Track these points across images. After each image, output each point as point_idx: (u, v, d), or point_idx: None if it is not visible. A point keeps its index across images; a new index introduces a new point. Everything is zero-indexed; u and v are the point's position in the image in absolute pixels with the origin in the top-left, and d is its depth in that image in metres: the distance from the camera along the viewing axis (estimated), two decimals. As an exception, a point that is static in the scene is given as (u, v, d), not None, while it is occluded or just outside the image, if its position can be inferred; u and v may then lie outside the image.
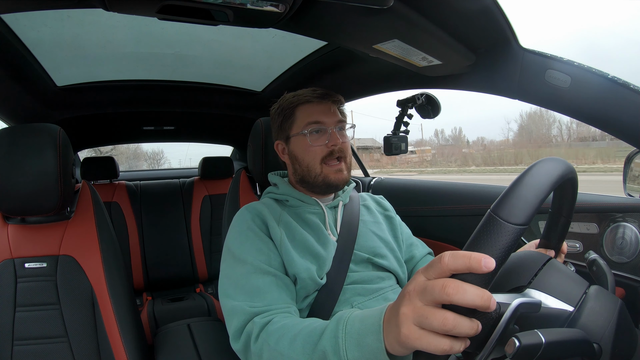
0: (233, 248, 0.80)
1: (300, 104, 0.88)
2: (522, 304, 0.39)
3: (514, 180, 0.43)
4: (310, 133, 0.86)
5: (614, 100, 0.71)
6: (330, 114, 0.87)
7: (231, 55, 1.38)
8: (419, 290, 0.39)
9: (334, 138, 0.85)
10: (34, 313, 0.91)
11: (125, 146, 12.34)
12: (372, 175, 1.83)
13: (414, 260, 0.98)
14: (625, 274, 0.81)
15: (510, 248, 0.39)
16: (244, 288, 0.74)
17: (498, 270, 0.38)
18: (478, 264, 0.36)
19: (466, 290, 0.36)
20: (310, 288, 0.79)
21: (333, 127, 0.86)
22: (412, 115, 1.32)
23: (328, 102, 0.88)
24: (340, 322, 0.53)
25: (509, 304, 0.39)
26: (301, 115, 0.88)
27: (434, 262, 0.39)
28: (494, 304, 0.37)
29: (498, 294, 0.42)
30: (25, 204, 0.90)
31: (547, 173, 0.44)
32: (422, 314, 0.38)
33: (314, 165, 0.86)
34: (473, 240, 0.40)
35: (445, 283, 0.37)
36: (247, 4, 0.63)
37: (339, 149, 0.86)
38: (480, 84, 0.96)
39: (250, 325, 0.68)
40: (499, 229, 0.39)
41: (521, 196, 0.41)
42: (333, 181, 0.86)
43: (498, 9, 0.73)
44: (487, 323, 0.39)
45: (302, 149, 0.87)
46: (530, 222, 0.40)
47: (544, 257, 0.53)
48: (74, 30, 1.08)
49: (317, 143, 0.86)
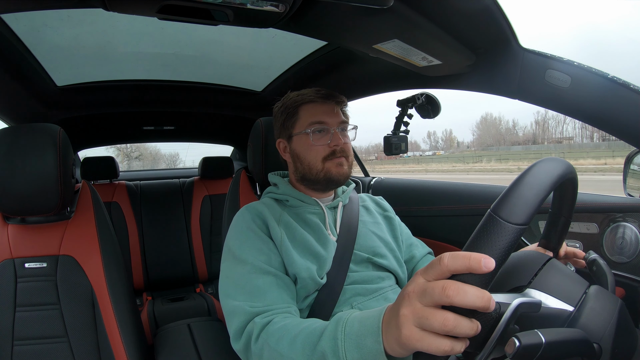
0: (233, 248, 0.80)
1: (304, 103, 0.89)
2: (522, 304, 0.39)
3: (514, 179, 0.43)
4: (313, 132, 0.87)
5: (614, 100, 0.71)
6: (333, 114, 0.88)
7: (231, 55, 1.38)
8: (419, 292, 0.39)
9: (337, 138, 0.86)
10: (34, 313, 0.91)
11: (148, 149, 13.77)
12: (372, 176, 1.83)
13: (414, 260, 0.98)
14: (625, 274, 0.81)
15: (511, 248, 0.39)
16: (244, 288, 0.74)
17: (498, 270, 0.38)
18: (478, 265, 0.36)
19: (466, 292, 0.36)
20: (311, 288, 0.79)
21: (335, 128, 0.87)
22: (412, 115, 1.32)
23: (331, 102, 0.89)
24: (340, 323, 0.53)
25: (509, 303, 0.39)
26: (304, 114, 0.88)
27: (433, 263, 0.39)
28: (493, 305, 0.37)
29: (498, 294, 0.42)
30: (25, 204, 0.90)
31: (547, 173, 0.44)
32: (423, 315, 0.38)
33: (315, 164, 0.87)
34: (473, 240, 0.40)
35: (445, 285, 0.37)
36: (247, 4, 0.63)
37: (340, 149, 0.87)
38: (480, 84, 0.96)
39: (250, 325, 0.68)
40: (499, 229, 0.39)
41: (521, 196, 0.41)
42: (334, 175, 0.87)
43: (498, 9, 0.73)
44: (487, 323, 0.39)
45: (305, 147, 0.88)
46: (530, 221, 0.40)
47: (544, 257, 0.53)
48: (74, 30, 1.08)
49: (320, 142, 0.86)
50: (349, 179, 1.02)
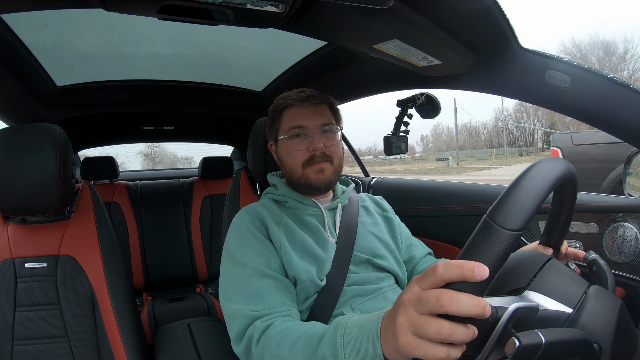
0: (233, 251, 0.80)
1: (286, 107, 0.89)
2: (519, 309, 0.39)
3: (511, 183, 0.43)
4: (291, 137, 0.86)
5: (614, 100, 0.71)
6: (313, 117, 0.86)
7: (231, 55, 1.38)
8: (414, 300, 0.40)
9: (316, 142, 0.84)
10: (34, 313, 0.91)
11: (167, 155, 15.42)
12: (372, 176, 1.83)
13: (414, 260, 0.98)
14: (625, 274, 0.81)
15: (506, 255, 0.38)
16: (244, 291, 0.74)
17: (494, 277, 0.38)
18: (472, 273, 0.36)
19: (460, 301, 0.36)
20: (311, 289, 0.79)
21: (316, 131, 0.85)
22: (412, 115, 1.32)
23: (312, 104, 0.87)
24: (339, 327, 0.53)
25: (506, 307, 0.39)
26: (286, 118, 0.88)
27: (427, 271, 0.40)
28: (489, 311, 0.37)
29: (495, 298, 0.42)
30: (26, 204, 0.90)
31: (545, 175, 0.43)
32: (418, 323, 0.39)
33: (296, 169, 0.86)
34: (468, 247, 0.40)
35: (439, 295, 0.37)
36: (247, 4, 0.63)
37: (321, 153, 0.85)
38: (480, 84, 0.96)
39: (251, 329, 0.68)
40: (494, 236, 0.39)
41: (517, 201, 0.40)
42: (314, 182, 0.86)
43: (498, 9, 0.73)
44: (484, 328, 0.39)
45: (286, 152, 0.88)
46: (527, 227, 0.39)
47: (544, 257, 0.53)
48: (74, 30, 1.08)
49: (298, 148, 0.86)
50: (349, 179, 1.02)
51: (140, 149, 18.63)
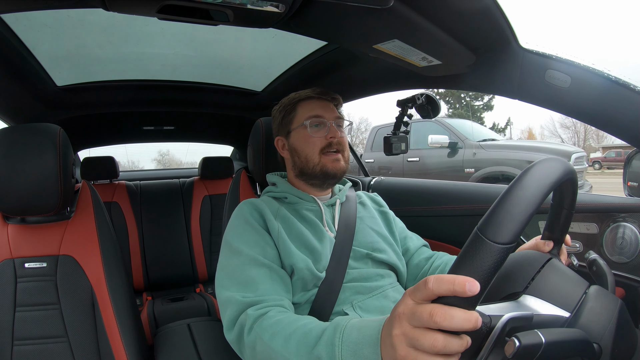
0: (230, 240, 0.82)
1: (302, 100, 0.93)
2: (513, 319, 0.39)
3: (502, 193, 0.41)
4: (311, 125, 0.90)
5: (614, 100, 0.71)
6: (329, 109, 0.92)
7: (231, 55, 1.38)
8: (409, 314, 0.41)
9: (333, 131, 0.89)
10: (34, 313, 0.91)
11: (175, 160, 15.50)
12: (372, 176, 1.83)
13: (409, 252, 1.00)
14: (625, 274, 0.81)
15: (497, 269, 0.38)
16: (237, 279, 0.75)
17: (485, 291, 0.38)
18: (462, 289, 0.37)
19: (453, 317, 0.37)
20: (309, 280, 0.79)
21: (332, 122, 0.90)
22: (412, 115, 1.32)
23: (327, 99, 0.93)
24: (338, 329, 0.54)
25: (500, 316, 0.39)
26: (302, 110, 0.92)
27: (420, 285, 0.40)
28: (480, 323, 0.37)
29: (490, 305, 0.42)
30: (25, 204, 0.90)
31: (539, 182, 0.42)
32: (413, 336, 0.40)
33: (312, 156, 0.89)
34: (459, 260, 0.40)
35: (432, 311, 0.38)
36: (247, 4, 0.63)
37: (337, 141, 0.90)
38: (480, 84, 0.96)
39: (243, 316, 0.69)
40: (485, 250, 0.38)
41: (508, 213, 0.39)
42: (331, 170, 0.88)
43: (498, 9, 0.73)
44: (478, 338, 0.39)
45: (303, 140, 0.90)
46: (518, 239, 0.39)
47: (543, 258, 0.53)
48: (74, 30, 1.07)
49: (317, 134, 0.89)
50: (346, 179, 1.04)
51: (154, 157, 19.74)
